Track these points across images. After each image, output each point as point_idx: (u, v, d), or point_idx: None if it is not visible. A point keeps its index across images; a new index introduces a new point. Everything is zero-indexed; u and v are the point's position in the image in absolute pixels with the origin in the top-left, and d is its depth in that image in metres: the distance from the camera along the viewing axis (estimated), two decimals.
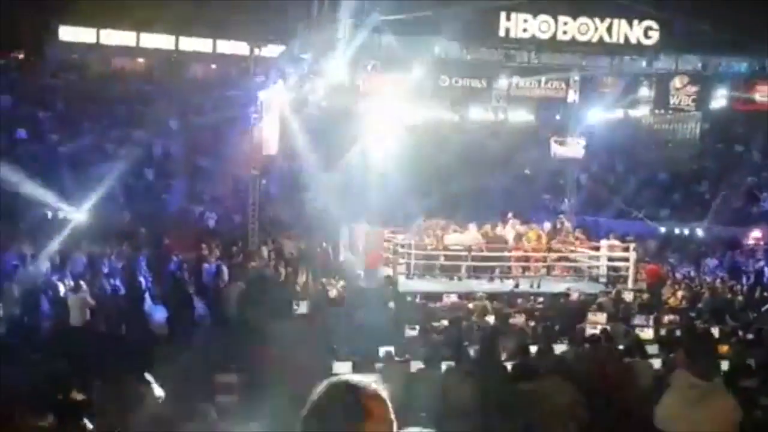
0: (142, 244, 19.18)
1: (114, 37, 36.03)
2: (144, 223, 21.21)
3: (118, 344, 13.75)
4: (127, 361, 12.84)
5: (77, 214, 20.00)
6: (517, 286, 17.60)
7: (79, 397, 8.50)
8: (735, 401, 4.32)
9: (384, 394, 2.21)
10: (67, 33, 35.46)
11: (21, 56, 33.59)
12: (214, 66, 37.05)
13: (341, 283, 16.84)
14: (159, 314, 15.83)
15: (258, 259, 18.24)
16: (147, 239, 19.78)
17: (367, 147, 22.45)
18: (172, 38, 36.15)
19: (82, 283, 14.94)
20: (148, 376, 7.85)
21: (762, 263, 20.97)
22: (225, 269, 17.07)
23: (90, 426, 6.90)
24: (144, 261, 17.99)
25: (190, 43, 36.50)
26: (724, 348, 12.65)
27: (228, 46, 35.70)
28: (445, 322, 14.25)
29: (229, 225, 22.56)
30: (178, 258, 17.97)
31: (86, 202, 20.45)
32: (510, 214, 20.20)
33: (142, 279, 16.81)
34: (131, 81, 32.48)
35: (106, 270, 16.68)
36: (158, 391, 7.62)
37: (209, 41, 36.46)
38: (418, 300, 16.26)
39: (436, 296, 16.61)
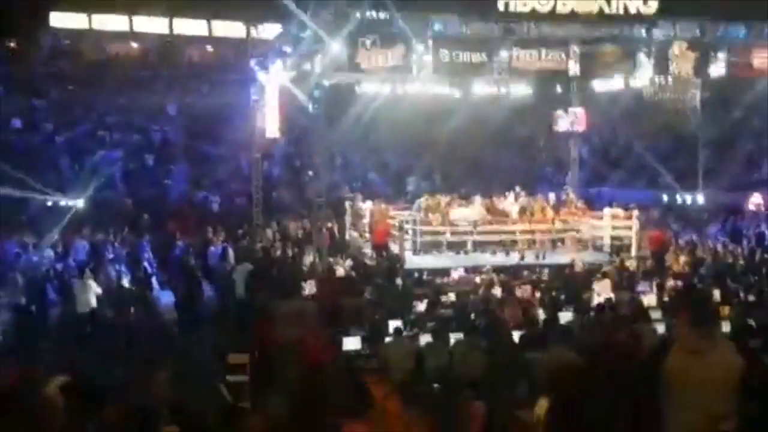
0: (145, 230, 19.27)
1: (106, 22, 35.72)
2: (146, 209, 21.30)
3: (128, 330, 13.89)
4: (138, 346, 13.06)
5: (77, 201, 20.08)
6: (522, 258, 17.69)
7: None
8: (736, 352, 4.43)
9: None
10: (58, 19, 35.12)
11: (13, 45, 33.40)
12: (210, 49, 36.83)
13: (348, 261, 16.94)
14: (166, 299, 15.98)
15: (264, 241, 18.34)
16: (150, 225, 19.87)
17: (369, 125, 22.47)
18: (165, 21, 35.81)
19: (87, 270, 15.04)
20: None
21: (762, 227, 21.08)
22: (231, 251, 17.17)
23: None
24: (148, 246, 18.09)
25: (184, 26, 36.17)
26: (725, 310, 12.80)
27: (223, 28, 35.42)
28: (453, 297, 14.37)
29: (232, 208, 22.63)
30: (184, 242, 18.07)
31: (86, 189, 20.53)
32: (517, 188, 20.25)
33: (147, 264, 16.91)
34: (126, 67, 32.36)
35: (110, 256, 16.77)
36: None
37: (204, 23, 36.14)
38: (425, 276, 16.35)
39: (443, 272, 16.70)
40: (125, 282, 15.96)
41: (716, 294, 13.81)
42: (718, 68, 16.96)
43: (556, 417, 1.84)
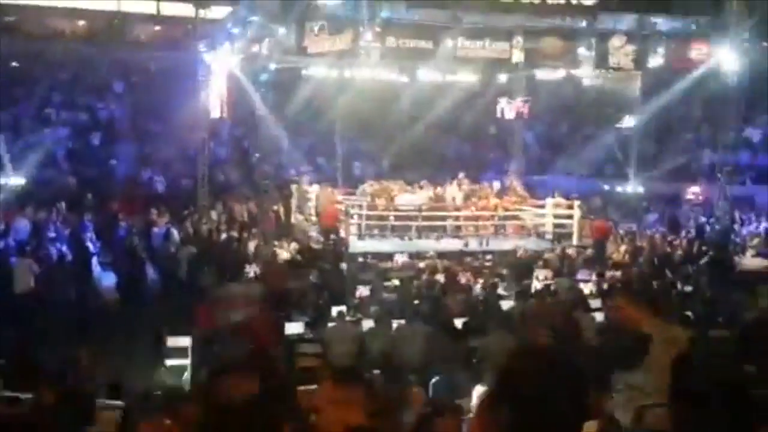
0: (88, 210, 18.90)
1: None
2: (90, 188, 20.87)
3: (67, 310, 13.67)
4: (77, 327, 12.87)
5: (18, 179, 19.61)
6: (466, 245, 17.94)
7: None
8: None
9: None
10: None
11: None
12: (158, 28, 36.08)
13: (293, 245, 16.94)
14: (108, 280, 15.74)
15: (209, 223, 18.18)
16: (94, 204, 19.49)
17: (315, 109, 22.40)
18: None
19: (27, 248, 14.72)
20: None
21: (700, 218, 21.69)
22: (175, 233, 16.98)
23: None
24: (91, 226, 17.76)
25: (132, 4, 35.35)
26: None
27: (172, 7, 34.68)
28: (396, 282, 14.52)
29: (178, 189, 22.32)
30: (127, 223, 17.80)
31: (28, 167, 20.05)
32: (461, 175, 20.47)
33: (89, 244, 16.60)
34: (72, 44, 31.49)
35: (52, 235, 16.41)
36: None
37: (152, 1, 35.40)
38: (369, 260, 16.46)
39: (388, 256, 16.85)
40: (66, 262, 15.63)
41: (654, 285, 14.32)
42: (656, 60, 17.39)
43: (495, 402, 1.91)
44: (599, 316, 11.57)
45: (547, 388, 1.81)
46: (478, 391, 6.96)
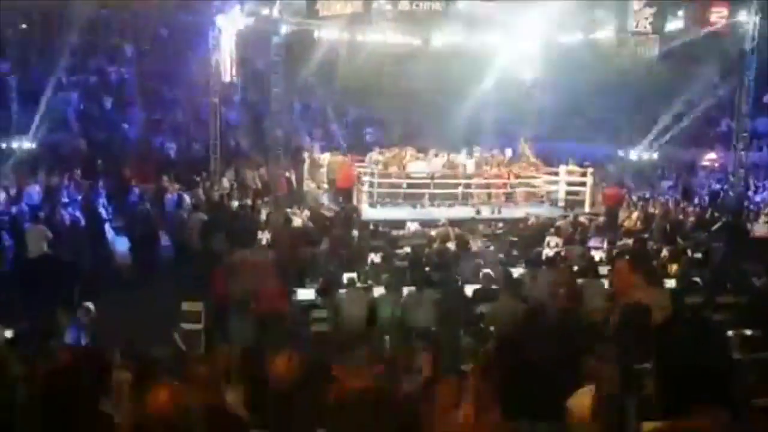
0: (100, 174, 18.95)
1: None
2: (101, 152, 20.91)
3: (81, 274, 13.76)
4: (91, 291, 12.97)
5: (30, 143, 19.64)
6: (478, 212, 17.87)
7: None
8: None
9: None
10: None
11: None
12: None
13: (305, 212, 16.94)
14: (121, 245, 15.82)
15: (220, 189, 18.21)
16: (105, 169, 19.54)
17: (327, 73, 22.22)
18: None
19: (40, 214, 14.79)
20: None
21: (715, 184, 21.51)
22: (187, 199, 17.02)
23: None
24: (103, 191, 17.82)
25: None
26: (673, 267, 13.17)
27: None
28: (408, 249, 14.50)
29: (189, 154, 22.33)
30: (139, 188, 17.84)
31: (39, 131, 20.07)
32: (474, 147, 20.31)
33: (102, 210, 16.67)
34: (82, 7, 31.29)
35: (64, 200, 16.48)
36: None
37: None
38: (381, 228, 16.44)
39: (399, 224, 16.82)
40: (79, 227, 15.71)
41: (665, 252, 14.25)
42: (675, 24, 17.10)
43: (498, 360, 1.94)
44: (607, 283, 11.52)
45: (537, 355, 1.85)
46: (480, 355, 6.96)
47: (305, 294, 11.90)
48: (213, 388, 3.51)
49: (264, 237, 14.80)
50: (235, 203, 17.20)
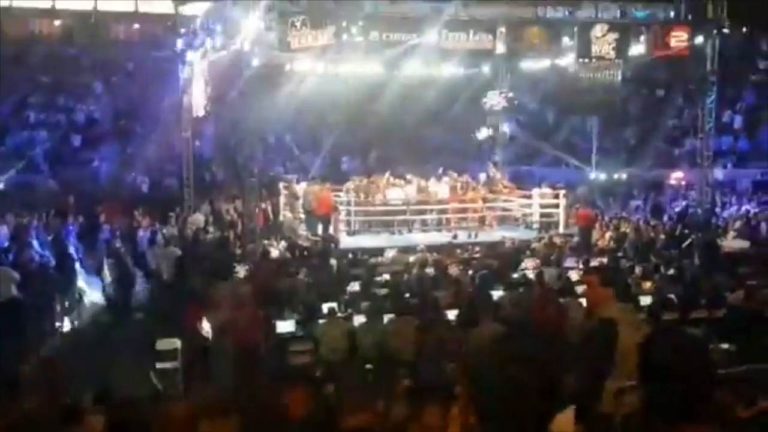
0: (71, 214, 18.72)
1: None
2: (72, 191, 20.70)
3: (51, 317, 13.50)
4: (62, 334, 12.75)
5: None
6: (455, 237, 17.97)
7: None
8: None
9: None
10: None
11: None
12: (136, 26, 35.78)
13: (282, 243, 16.88)
14: (93, 285, 15.60)
15: (195, 223, 18.09)
16: (77, 208, 19.31)
17: (300, 105, 22.30)
18: None
19: (8, 255, 14.54)
20: None
21: (683, 203, 21.91)
22: (160, 235, 16.87)
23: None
24: (74, 231, 17.60)
25: (109, 3, 35.02)
26: (647, 284, 13.35)
27: (150, 4, 34.43)
28: (387, 276, 14.50)
29: (163, 189, 22.20)
30: (111, 226, 17.65)
31: (7, 171, 19.84)
32: (449, 171, 20.47)
33: (72, 250, 16.42)
34: (50, 45, 31.16)
35: (34, 241, 16.21)
36: None
37: (131, 0, 35.09)
38: (359, 256, 16.44)
39: (378, 251, 16.83)
40: (50, 268, 15.45)
41: (638, 270, 14.45)
42: (637, 48, 17.53)
43: (479, 383, 1.96)
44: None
45: (513, 380, 1.86)
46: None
47: (285, 326, 11.82)
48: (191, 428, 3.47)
49: (241, 270, 14.70)
50: (211, 236, 17.08)
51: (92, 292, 15.28)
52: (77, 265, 15.82)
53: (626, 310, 4.63)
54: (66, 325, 13.47)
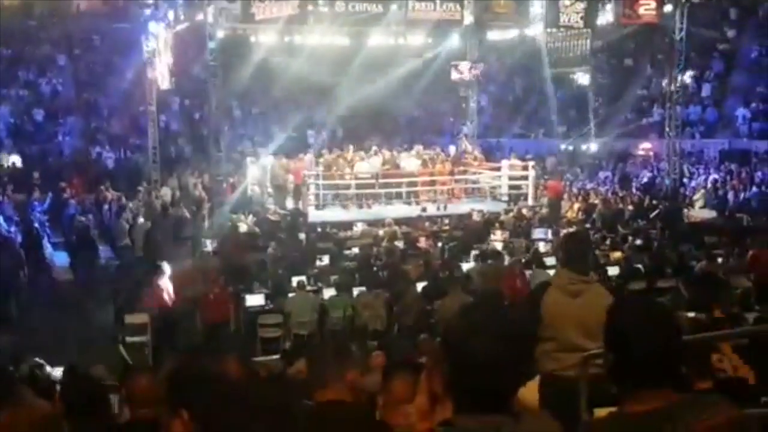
0: (36, 188, 18.42)
1: None
2: (37, 166, 20.33)
3: (19, 293, 13.34)
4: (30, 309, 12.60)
5: None
6: (424, 210, 17.97)
7: None
8: (607, 292, 4.77)
9: None
10: None
11: None
12: None
13: (251, 217, 16.77)
14: (60, 260, 15.42)
15: (161, 197, 17.87)
16: (42, 183, 18.99)
17: (266, 77, 22.04)
18: None
19: None
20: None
21: (651, 173, 22.09)
22: (127, 209, 16.66)
23: None
24: (40, 206, 17.34)
25: None
26: (616, 255, 13.50)
27: None
28: (356, 250, 14.51)
29: (129, 164, 21.88)
30: (77, 201, 17.41)
31: None
32: (417, 146, 20.42)
33: (38, 225, 16.19)
34: (11, 18, 30.32)
35: None
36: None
37: None
38: (328, 230, 16.40)
39: (347, 225, 16.80)
40: (15, 243, 15.22)
41: (607, 240, 14.61)
42: (606, 17, 17.52)
43: (446, 353, 1.96)
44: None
45: (484, 344, 1.85)
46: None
47: (254, 299, 11.81)
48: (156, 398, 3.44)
49: (210, 244, 14.59)
50: (180, 211, 16.90)
51: (59, 267, 15.09)
52: (44, 240, 15.63)
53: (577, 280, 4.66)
54: (33, 300, 13.26)
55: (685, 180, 20.31)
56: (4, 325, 11.85)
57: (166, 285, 11.37)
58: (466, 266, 12.60)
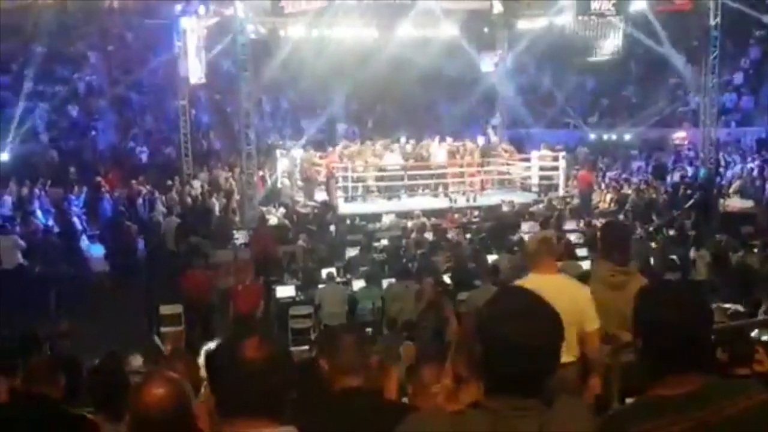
0: (72, 183, 18.77)
1: None
2: (73, 161, 20.71)
3: (57, 284, 13.61)
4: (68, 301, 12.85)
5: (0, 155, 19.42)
6: (453, 201, 17.93)
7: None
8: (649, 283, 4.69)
9: None
10: None
11: None
12: None
13: (281, 209, 16.89)
14: (97, 252, 15.70)
15: (194, 191, 18.09)
16: (78, 177, 19.35)
17: (296, 70, 22.11)
18: None
19: (8, 225, 14.63)
20: None
21: (685, 163, 21.73)
22: (160, 203, 16.90)
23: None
24: (76, 200, 17.67)
25: None
26: (650, 245, 13.32)
27: None
28: (385, 242, 14.54)
29: (161, 158, 22.17)
30: (112, 195, 17.70)
31: (8, 142, 19.84)
32: (447, 138, 20.32)
33: (75, 218, 16.51)
34: (45, 15, 30.84)
35: (37, 211, 16.30)
36: None
37: None
38: (357, 222, 16.45)
39: (376, 217, 16.83)
40: (53, 236, 15.55)
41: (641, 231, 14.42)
42: (639, 4, 17.24)
43: (471, 340, 1.97)
44: (586, 265, 11.62)
45: (518, 328, 1.85)
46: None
47: (285, 291, 11.91)
48: (192, 383, 3.50)
49: (241, 237, 14.74)
50: (211, 204, 17.09)
51: (95, 259, 15.36)
52: (80, 233, 15.95)
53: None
54: (71, 292, 13.53)
55: (720, 169, 19.95)
56: (43, 317, 12.11)
57: (198, 277, 11.51)
58: (495, 258, 12.54)
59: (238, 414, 2.02)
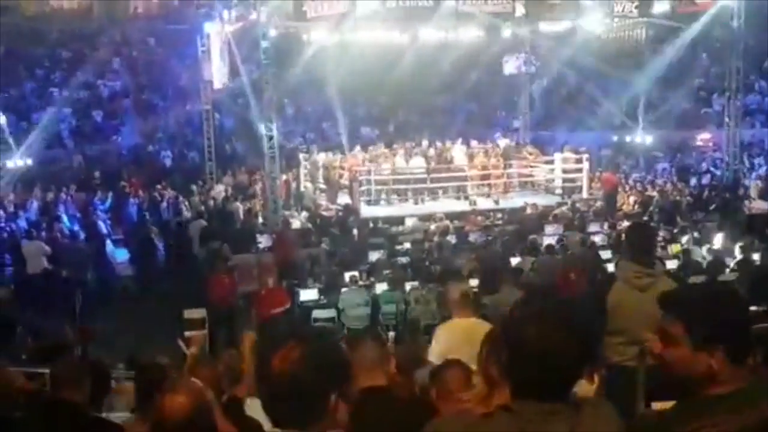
0: (97, 187, 18.98)
1: None
2: (97, 165, 20.94)
3: (82, 288, 13.75)
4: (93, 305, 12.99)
5: (25, 160, 19.66)
6: (475, 204, 17.87)
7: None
8: (675, 284, 4.65)
9: None
10: None
11: None
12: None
13: (304, 213, 16.94)
14: (121, 256, 15.85)
15: (217, 194, 18.22)
16: (102, 182, 19.57)
17: (318, 75, 22.22)
18: None
19: (34, 230, 14.83)
20: None
21: (709, 164, 21.52)
22: (183, 207, 17.04)
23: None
24: (101, 205, 17.86)
25: None
26: (674, 248, 13.20)
27: None
28: (408, 245, 14.54)
29: (185, 162, 22.36)
30: (136, 199, 17.88)
31: (33, 148, 20.09)
32: (466, 138, 20.30)
33: (100, 223, 16.68)
34: (70, 21, 31.25)
35: (62, 216, 16.49)
36: None
37: None
38: (380, 225, 16.45)
39: (398, 220, 16.83)
40: (79, 241, 15.73)
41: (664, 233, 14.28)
42: (661, 5, 17.10)
43: (498, 345, 1.99)
44: (611, 267, 11.54)
45: (544, 333, 1.86)
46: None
47: (308, 294, 11.95)
48: (214, 388, 3.54)
49: (264, 240, 14.81)
50: (234, 208, 17.19)
51: (120, 263, 15.51)
52: (106, 238, 16.11)
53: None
54: (96, 296, 13.68)
55: (745, 171, 19.72)
56: (69, 321, 12.24)
57: (222, 281, 11.58)
58: (519, 260, 12.49)
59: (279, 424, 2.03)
